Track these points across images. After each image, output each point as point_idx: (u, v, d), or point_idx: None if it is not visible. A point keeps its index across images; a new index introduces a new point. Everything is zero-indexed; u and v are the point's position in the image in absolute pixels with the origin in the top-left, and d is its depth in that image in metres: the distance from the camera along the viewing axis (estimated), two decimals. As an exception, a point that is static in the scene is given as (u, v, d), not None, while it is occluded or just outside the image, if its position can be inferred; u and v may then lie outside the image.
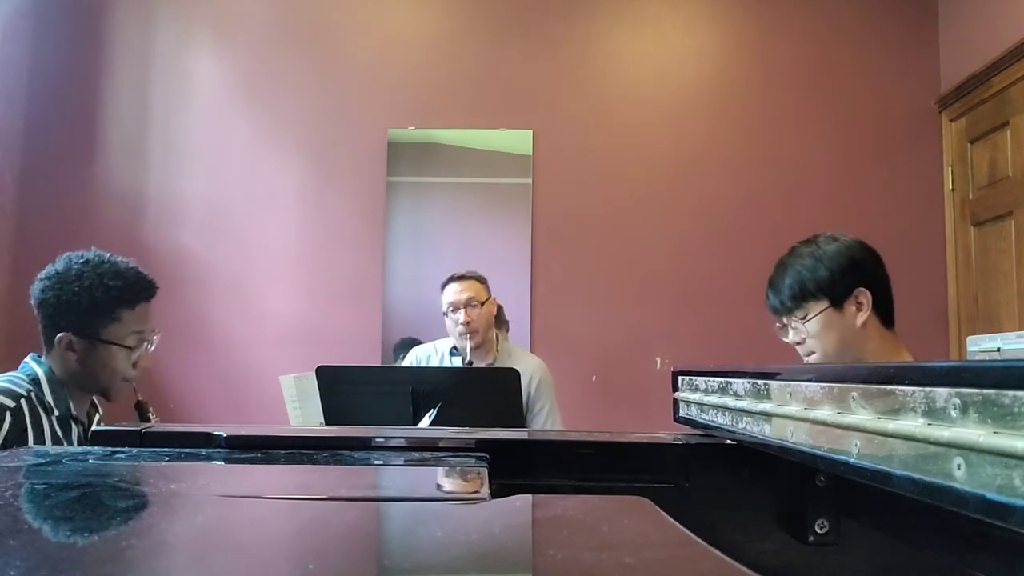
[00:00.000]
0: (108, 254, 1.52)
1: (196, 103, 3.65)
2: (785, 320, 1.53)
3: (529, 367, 2.36)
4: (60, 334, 1.46)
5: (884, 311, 1.49)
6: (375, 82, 3.63)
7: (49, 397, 1.45)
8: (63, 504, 0.54)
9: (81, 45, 3.66)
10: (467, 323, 2.34)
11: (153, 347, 1.57)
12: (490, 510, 0.53)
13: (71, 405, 1.48)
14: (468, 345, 2.34)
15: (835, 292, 1.46)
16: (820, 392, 0.57)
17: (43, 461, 0.71)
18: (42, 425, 1.41)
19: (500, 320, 2.95)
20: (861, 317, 1.46)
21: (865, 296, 1.46)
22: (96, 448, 0.81)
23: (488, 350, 2.42)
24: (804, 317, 1.49)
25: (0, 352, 3.20)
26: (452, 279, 2.44)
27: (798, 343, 1.53)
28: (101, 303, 1.46)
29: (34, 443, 1.38)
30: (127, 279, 1.50)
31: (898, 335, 1.52)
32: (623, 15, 3.63)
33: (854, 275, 1.46)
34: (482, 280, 2.47)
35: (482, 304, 2.40)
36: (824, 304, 1.47)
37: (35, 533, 0.46)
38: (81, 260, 1.49)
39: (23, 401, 1.40)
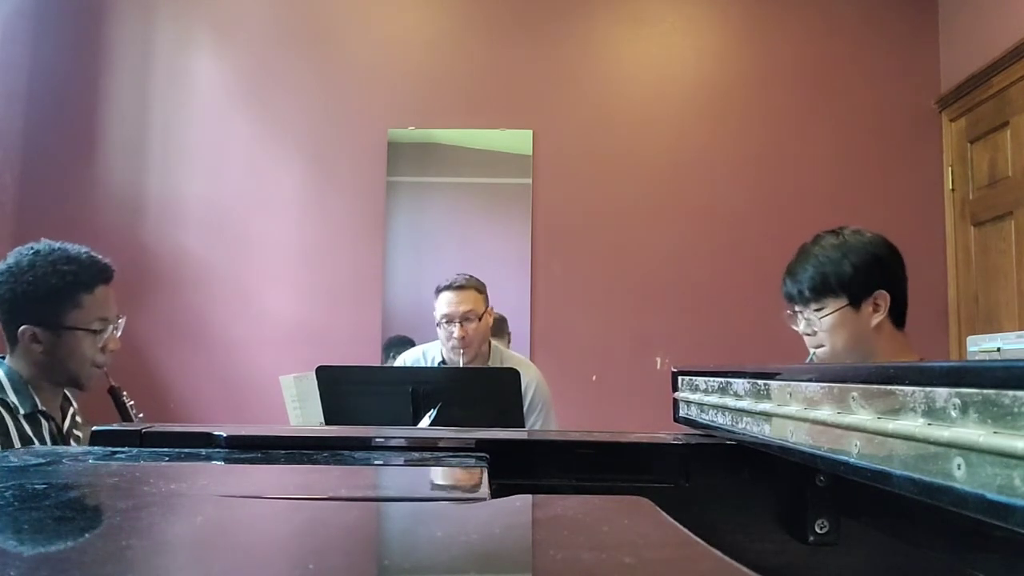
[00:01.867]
0: (58, 243, 1.50)
1: (196, 103, 3.65)
2: (799, 309, 1.51)
3: (524, 377, 2.29)
4: (22, 327, 1.44)
5: (898, 313, 1.48)
6: (375, 82, 3.63)
7: (12, 397, 1.43)
8: (63, 504, 0.54)
9: (81, 45, 3.66)
10: (462, 338, 2.18)
11: (120, 331, 1.54)
12: (490, 510, 0.53)
13: (37, 401, 1.46)
14: (461, 362, 2.20)
15: (855, 291, 1.44)
16: (820, 392, 0.57)
17: (43, 461, 0.71)
18: (7, 426, 1.39)
19: (502, 332, 2.91)
20: (876, 318, 1.44)
21: (884, 299, 1.44)
22: (96, 448, 0.81)
23: (482, 363, 2.27)
24: (820, 311, 1.47)
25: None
26: (448, 287, 2.25)
27: (808, 334, 1.51)
28: (58, 290, 1.44)
29: (0, 444, 1.37)
30: (81, 263, 1.47)
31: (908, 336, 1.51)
32: (623, 15, 3.63)
33: (877, 274, 1.45)
34: (481, 289, 2.28)
35: (479, 318, 2.22)
36: (843, 302, 1.45)
37: (35, 533, 0.46)
38: (31, 251, 1.47)
39: None
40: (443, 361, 2.33)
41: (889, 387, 0.47)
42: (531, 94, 3.61)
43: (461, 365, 2.23)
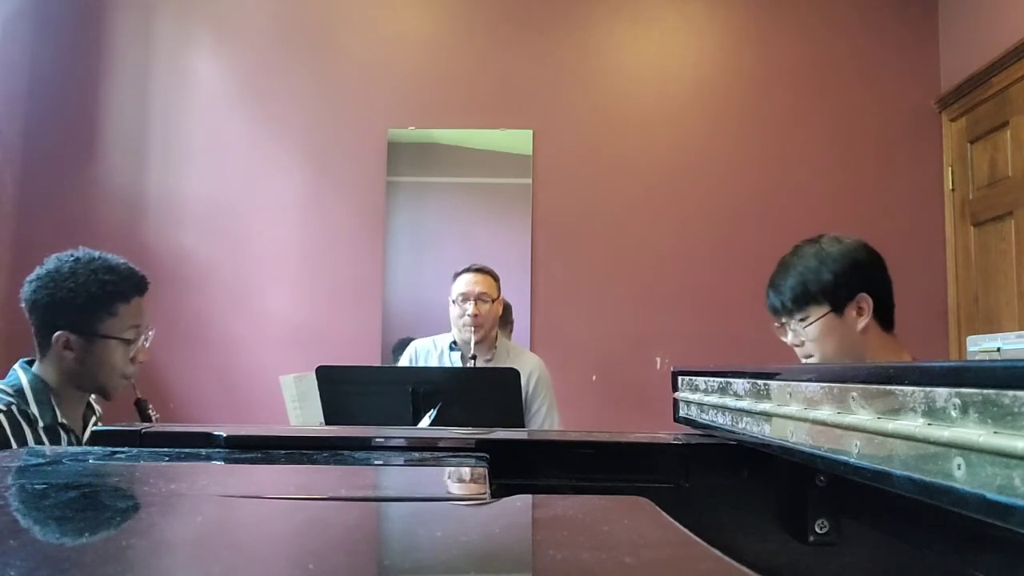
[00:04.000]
0: (97, 251, 1.51)
1: (196, 103, 3.65)
2: (784, 321, 1.52)
3: (527, 365, 2.36)
4: (57, 333, 1.44)
5: (884, 315, 1.48)
6: (375, 82, 3.63)
7: (33, 408, 1.43)
8: (63, 504, 0.54)
9: (81, 45, 3.66)
10: (475, 316, 2.35)
11: (148, 342, 1.55)
12: (490, 510, 0.53)
13: (58, 413, 1.46)
14: (472, 339, 2.35)
15: (837, 297, 1.44)
16: (820, 392, 0.57)
17: (43, 461, 0.71)
18: (25, 437, 1.39)
19: (506, 320, 2.95)
20: (862, 322, 1.45)
21: (866, 302, 1.44)
22: (96, 448, 0.81)
23: (488, 347, 2.43)
24: (804, 320, 1.47)
25: (0, 353, 3.20)
26: (468, 269, 2.46)
27: (797, 345, 1.52)
28: (97, 298, 1.45)
29: None
30: (120, 273, 1.49)
31: (898, 336, 1.51)
32: (623, 15, 3.63)
33: (857, 279, 1.45)
34: (496, 277, 2.49)
35: (492, 301, 2.41)
36: (825, 309, 1.45)
37: (35, 533, 0.46)
38: (72, 258, 1.47)
39: (2, 416, 1.38)
40: (453, 344, 2.44)
41: (889, 387, 0.47)
42: (531, 94, 3.61)
43: (471, 344, 2.34)
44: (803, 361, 1.52)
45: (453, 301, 2.41)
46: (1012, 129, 3.01)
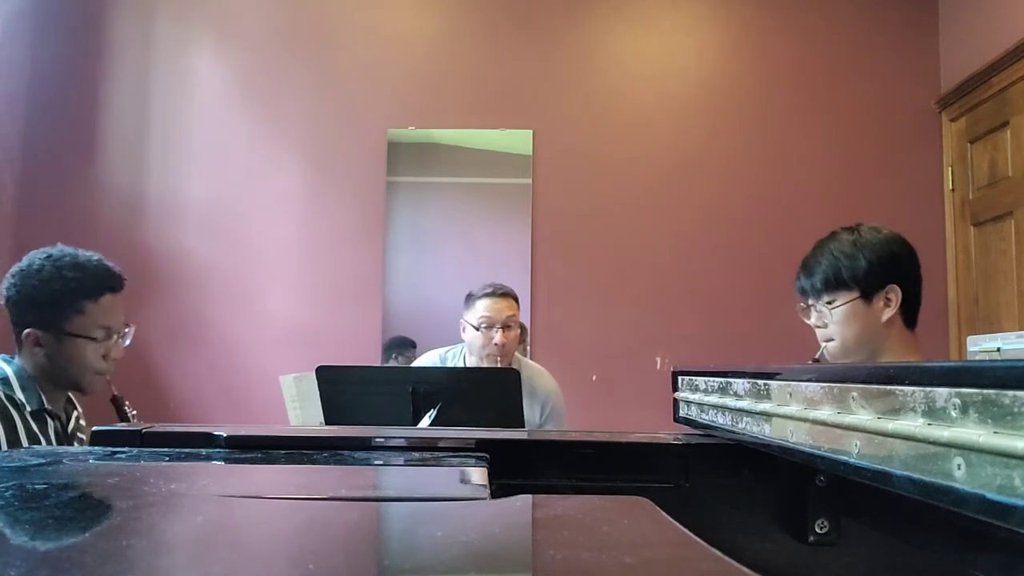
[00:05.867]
0: (72, 248, 1.50)
1: (196, 103, 3.65)
2: (811, 301, 1.53)
3: (543, 389, 2.31)
4: (27, 330, 1.45)
5: (910, 311, 1.49)
6: (375, 82, 3.63)
7: (20, 394, 1.44)
8: (63, 504, 0.54)
9: (81, 45, 3.66)
10: (502, 345, 2.20)
11: (128, 341, 1.55)
12: (490, 510, 0.53)
13: (43, 399, 1.47)
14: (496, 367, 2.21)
15: (868, 284, 1.46)
16: (820, 392, 0.57)
17: (43, 461, 0.71)
18: (14, 422, 1.41)
19: (522, 339, 2.91)
20: (887, 313, 1.46)
21: (895, 293, 1.46)
22: (96, 448, 0.81)
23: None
24: (831, 303, 1.49)
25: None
26: (492, 294, 2.26)
27: (819, 327, 1.53)
28: (61, 296, 1.45)
29: (7, 440, 1.38)
30: (87, 271, 1.48)
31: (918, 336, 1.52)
32: (623, 15, 3.63)
33: (890, 270, 1.46)
34: (518, 299, 2.33)
35: (517, 326, 2.28)
36: (854, 294, 1.47)
37: (35, 533, 0.46)
38: (43, 255, 1.48)
39: None
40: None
41: (889, 387, 0.47)
42: (531, 94, 3.61)
43: None
44: (822, 344, 1.53)
45: (476, 327, 2.22)
46: (1012, 129, 3.01)
